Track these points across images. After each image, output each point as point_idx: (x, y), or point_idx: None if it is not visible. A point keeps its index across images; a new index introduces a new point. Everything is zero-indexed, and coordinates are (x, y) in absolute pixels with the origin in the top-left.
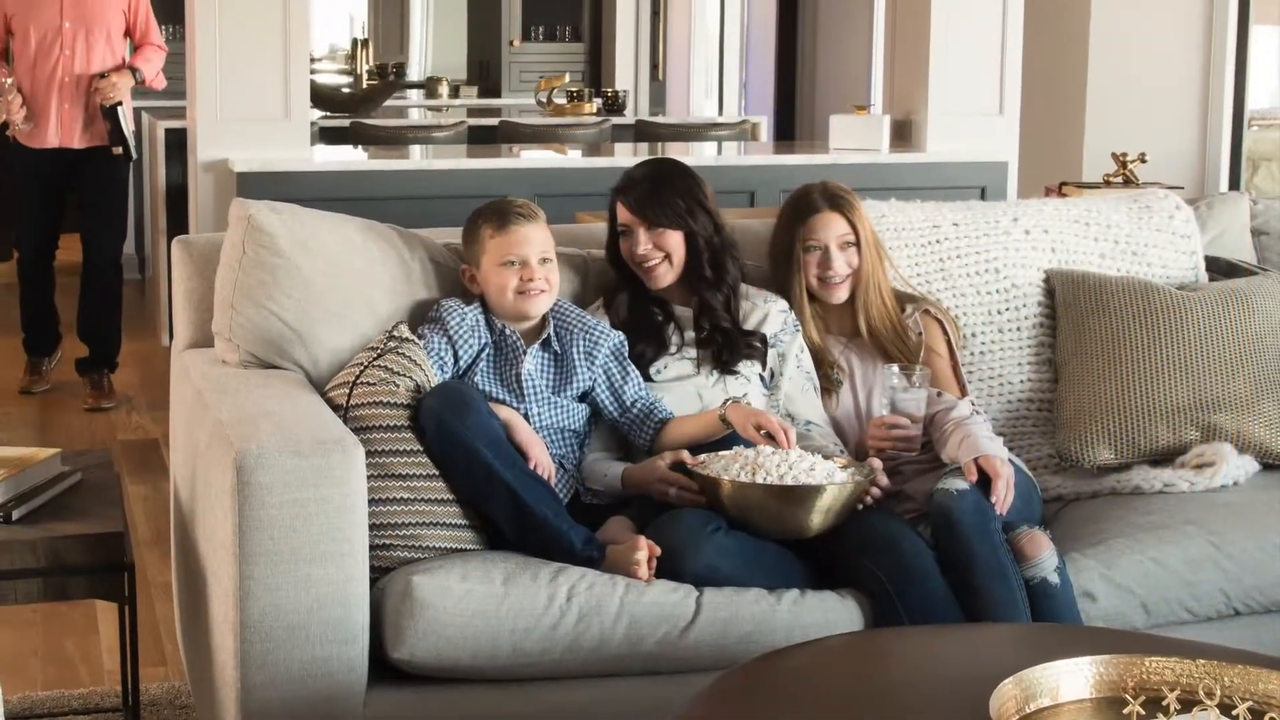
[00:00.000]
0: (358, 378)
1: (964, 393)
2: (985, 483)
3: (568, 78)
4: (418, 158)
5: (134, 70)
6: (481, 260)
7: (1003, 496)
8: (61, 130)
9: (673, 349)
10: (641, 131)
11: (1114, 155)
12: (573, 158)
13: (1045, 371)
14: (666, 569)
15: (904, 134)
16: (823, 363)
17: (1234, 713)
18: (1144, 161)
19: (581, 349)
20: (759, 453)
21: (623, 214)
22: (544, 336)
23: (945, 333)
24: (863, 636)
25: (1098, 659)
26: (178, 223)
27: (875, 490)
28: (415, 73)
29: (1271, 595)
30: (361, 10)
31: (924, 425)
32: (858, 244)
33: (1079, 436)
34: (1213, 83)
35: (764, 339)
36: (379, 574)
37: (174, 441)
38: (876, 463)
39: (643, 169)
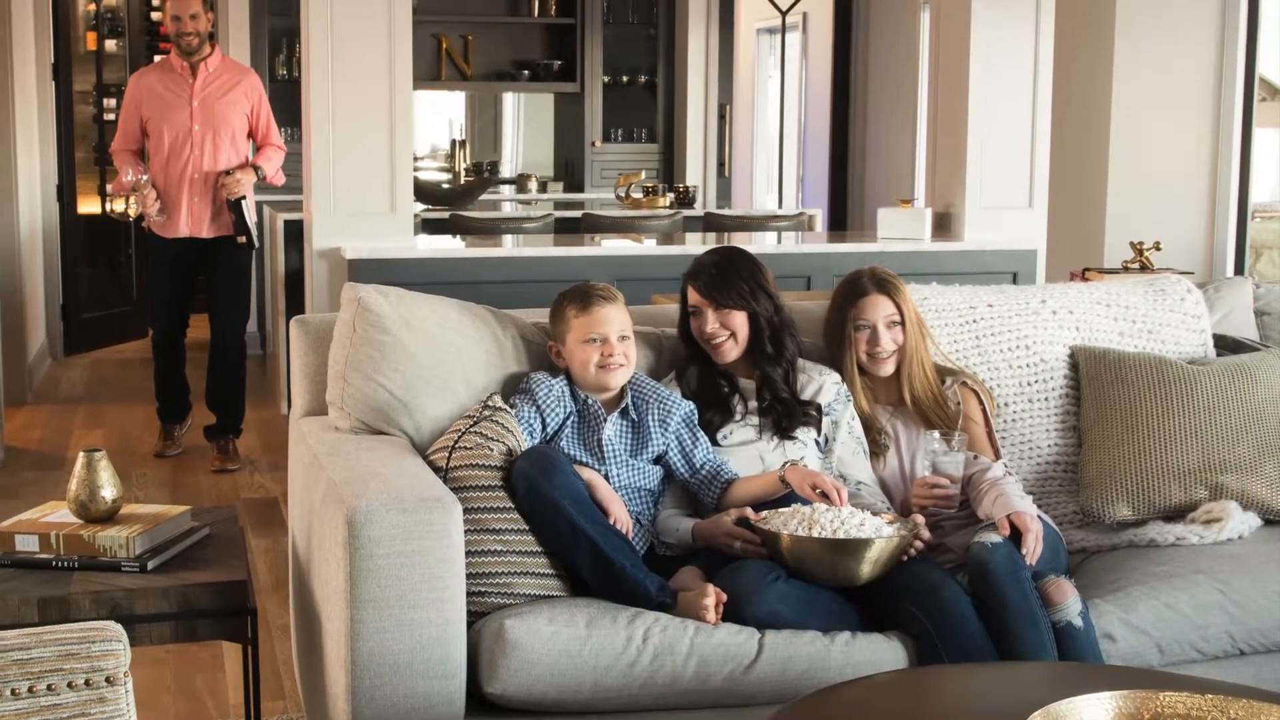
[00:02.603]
0: (456, 443)
1: (997, 456)
2: (1017, 536)
3: (644, 175)
4: (510, 246)
5: (256, 168)
6: (567, 337)
7: (1032, 549)
8: (191, 221)
9: (737, 417)
10: (710, 222)
11: (1132, 244)
12: (648, 246)
13: (1070, 437)
14: (732, 613)
15: (944, 225)
16: (871, 429)
17: None
18: (1159, 249)
19: (656, 417)
20: (815, 509)
21: (693, 296)
22: (623, 406)
23: (981, 402)
24: (907, 674)
25: (1117, 694)
26: (295, 304)
27: (918, 543)
28: (507, 170)
29: (1273, 637)
30: (460, 114)
31: (962, 485)
32: (903, 323)
33: (1100, 495)
34: (1220, 180)
35: (819, 408)
36: (475, 618)
37: (292, 499)
38: (919, 518)
39: (711, 256)
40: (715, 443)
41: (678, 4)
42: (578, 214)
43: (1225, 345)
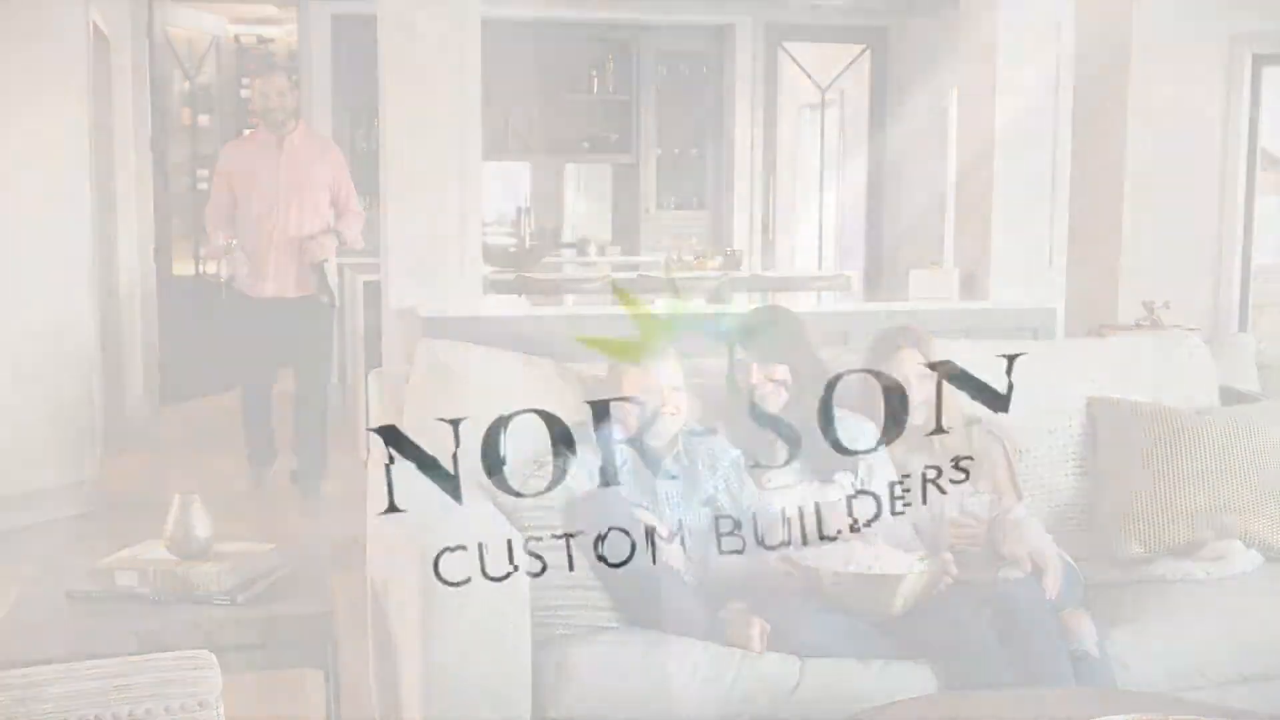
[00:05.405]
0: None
1: (1020, 498)
2: (1038, 573)
3: (695, 239)
4: (571, 305)
5: (337, 233)
6: (624, 389)
7: (1052, 583)
8: (277, 281)
9: (780, 462)
10: (755, 283)
11: (1144, 303)
12: (698, 305)
13: (1086, 480)
14: (776, 642)
15: (970, 285)
16: (903, 472)
17: None
18: (1168, 308)
19: (706, 462)
20: (852, 547)
21: (740, 351)
22: (675, 452)
23: (1004, 449)
24: (937, 699)
25: (1130, 717)
26: (373, 358)
27: (947, 578)
28: (569, 235)
29: (1273, 664)
30: (525, 183)
31: (987, 525)
32: None
33: (1114, 534)
34: (1225, 244)
35: (855, 454)
36: (539, 647)
37: (371, 539)
38: (948, 555)
39: (756, 314)
40: (760, 485)
41: (725, 82)
42: (634, 275)
43: (1229, 396)
